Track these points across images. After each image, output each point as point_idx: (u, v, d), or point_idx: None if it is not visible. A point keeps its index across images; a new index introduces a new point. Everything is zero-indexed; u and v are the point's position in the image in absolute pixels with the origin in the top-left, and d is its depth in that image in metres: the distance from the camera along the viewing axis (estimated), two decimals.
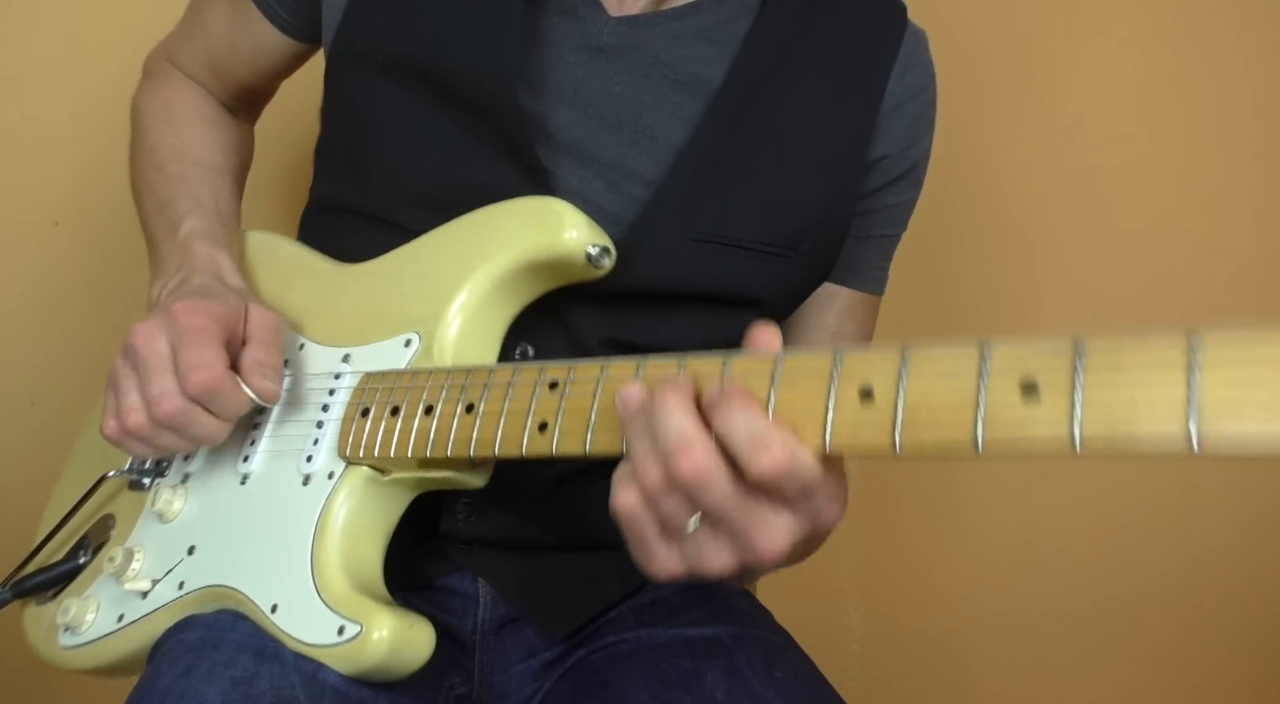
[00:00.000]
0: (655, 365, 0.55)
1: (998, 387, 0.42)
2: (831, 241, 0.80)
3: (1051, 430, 0.41)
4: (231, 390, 0.67)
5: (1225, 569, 1.37)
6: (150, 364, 0.67)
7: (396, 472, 0.67)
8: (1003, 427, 0.42)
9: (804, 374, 0.49)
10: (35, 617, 0.82)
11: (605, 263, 0.67)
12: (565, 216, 0.67)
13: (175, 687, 0.61)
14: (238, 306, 0.71)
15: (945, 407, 0.43)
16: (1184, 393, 0.38)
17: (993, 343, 0.44)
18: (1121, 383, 0.39)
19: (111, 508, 0.82)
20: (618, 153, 0.75)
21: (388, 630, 0.61)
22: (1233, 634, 1.38)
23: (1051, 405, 0.41)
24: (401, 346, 0.70)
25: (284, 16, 0.86)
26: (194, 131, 0.89)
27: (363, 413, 0.67)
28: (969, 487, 1.41)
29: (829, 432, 0.47)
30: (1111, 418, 0.39)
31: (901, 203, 0.86)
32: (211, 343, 0.67)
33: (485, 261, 0.68)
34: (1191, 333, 0.38)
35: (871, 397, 0.46)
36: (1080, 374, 0.40)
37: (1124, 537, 1.39)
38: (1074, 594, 1.40)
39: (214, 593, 0.69)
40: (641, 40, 0.76)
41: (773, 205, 0.75)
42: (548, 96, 0.75)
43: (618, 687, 0.72)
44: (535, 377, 0.59)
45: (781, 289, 0.78)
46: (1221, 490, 1.36)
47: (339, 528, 0.66)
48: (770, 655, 0.71)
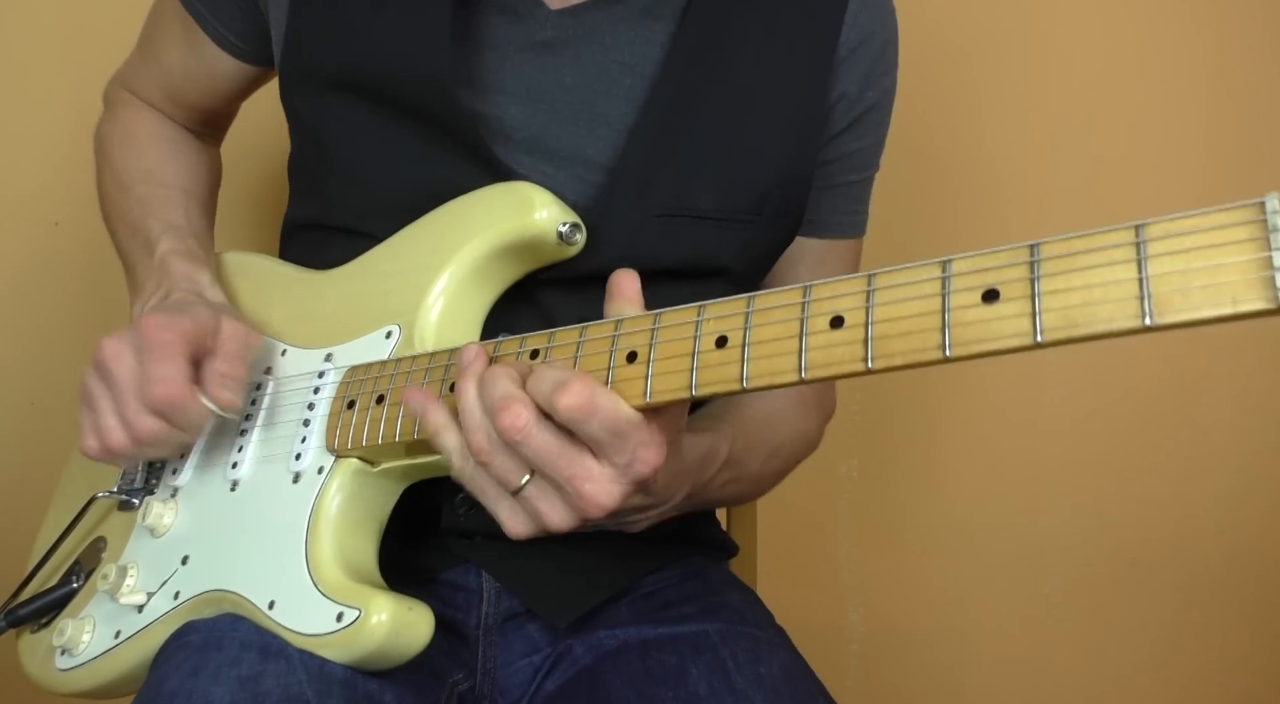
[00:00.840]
0: (631, 321, 0.56)
1: (961, 295, 0.44)
2: (797, 199, 0.80)
3: (1013, 326, 0.42)
4: (191, 403, 0.67)
5: (1225, 569, 1.37)
6: (122, 383, 0.68)
7: (385, 461, 0.68)
8: (967, 328, 0.43)
9: (775, 311, 0.50)
10: (30, 645, 0.81)
11: (577, 238, 0.69)
12: (534, 198, 0.69)
13: (183, 688, 0.61)
14: (208, 321, 0.71)
15: (912, 318, 0.45)
16: (1135, 273, 0.39)
17: (953, 258, 0.45)
18: (1076, 272, 0.41)
19: (102, 531, 0.82)
20: (576, 143, 0.76)
21: (386, 614, 0.61)
22: (1232, 636, 1.38)
23: (1011, 303, 0.42)
24: (383, 339, 0.71)
25: (234, 42, 0.87)
26: (159, 155, 0.90)
27: (348, 405, 0.68)
28: (969, 486, 1.41)
29: (804, 355, 0.48)
30: (1068, 304, 0.41)
31: (864, 147, 0.85)
32: (174, 357, 0.67)
33: (460, 248, 0.70)
34: (1139, 223, 0.40)
35: (842, 323, 0.47)
36: (1037, 271, 0.42)
37: (1124, 537, 1.39)
38: (1074, 594, 1.40)
39: (210, 599, 0.69)
40: (586, 29, 0.76)
41: (730, 172, 0.76)
42: (499, 97, 0.76)
43: (604, 682, 0.72)
44: (516, 348, 0.60)
45: (749, 254, 0.79)
46: (1222, 490, 1.36)
47: (332, 520, 0.66)
48: (757, 652, 0.72)
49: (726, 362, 0.51)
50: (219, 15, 0.86)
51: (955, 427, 1.40)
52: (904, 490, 1.43)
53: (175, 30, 0.89)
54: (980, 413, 1.39)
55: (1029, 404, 1.38)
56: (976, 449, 1.40)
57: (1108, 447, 1.37)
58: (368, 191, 0.78)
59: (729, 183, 0.76)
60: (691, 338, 0.53)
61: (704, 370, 0.52)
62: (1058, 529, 1.40)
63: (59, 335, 1.18)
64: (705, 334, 0.52)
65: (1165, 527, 1.38)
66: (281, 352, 0.77)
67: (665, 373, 0.53)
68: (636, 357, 0.55)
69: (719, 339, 0.52)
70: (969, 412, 1.39)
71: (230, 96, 0.93)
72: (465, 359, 0.59)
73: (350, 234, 0.79)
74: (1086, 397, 1.36)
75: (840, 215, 0.87)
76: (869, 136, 0.85)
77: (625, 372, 0.55)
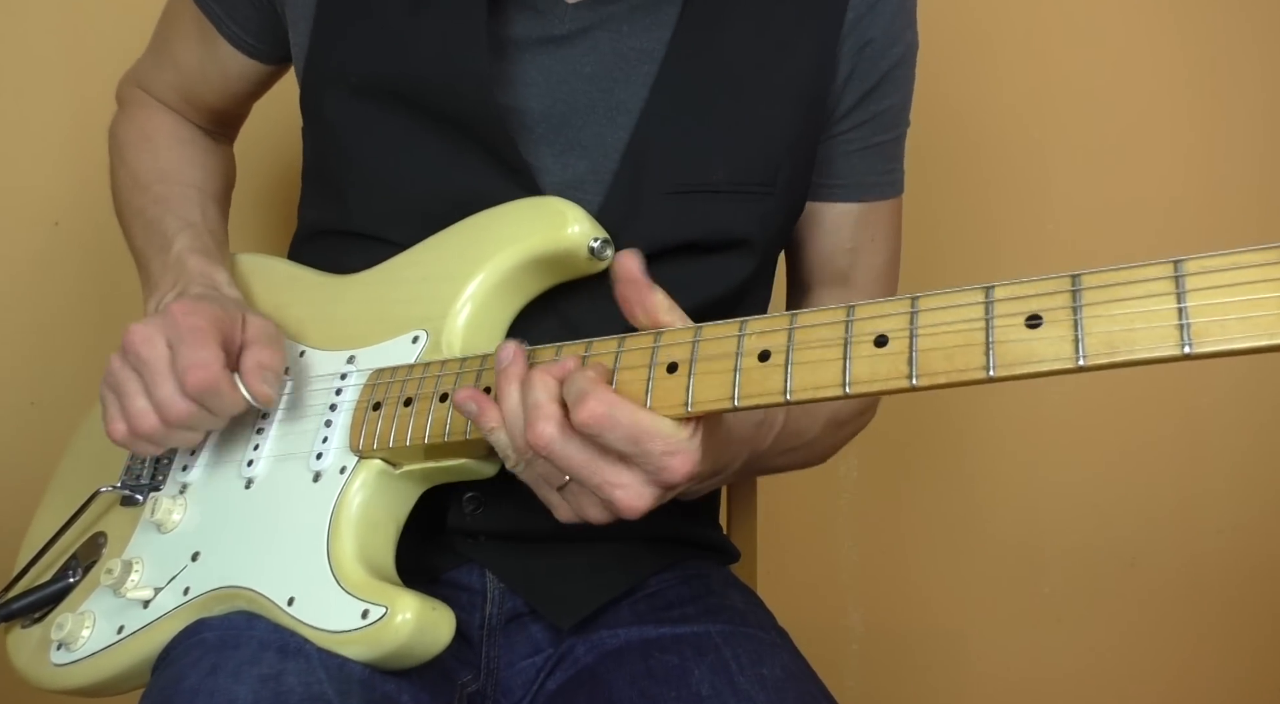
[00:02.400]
0: (671, 333, 0.58)
1: (1004, 319, 0.47)
2: (807, 166, 0.81)
3: (1056, 349, 0.45)
4: (229, 390, 0.68)
5: (1225, 569, 1.39)
6: (154, 367, 0.68)
7: (408, 464, 0.69)
8: (1011, 350, 0.46)
9: (819, 328, 0.53)
10: (20, 639, 0.80)
11: (608, 254, 0.71)
12: (566, 213, 0.71)
13: (204, 685, 0.61)
14: (235, 312, 0.72)
15: (956, 337, 0.48)
16: (1174, 304, 0.43)
17: (995, 285, 0.48)
18: (1117, 302, 0.44)
19: (101, 526, 0.81)
20: (597, 132, 0.78)
21: (411, 612, 0.62)
22: (1231, 636, 1.41)
23: (1054, 328, 0.45)
24: (409, 343, 0.72)
25: (249, 41, 0.88)
26: (175, 155, 0.90)
27: (374, 407, 0.69)
28: (969, 486, 1.43)
29: (848, 370, 0.50)
30: (1110, 330, 0.44)
31: (892, 105, 0.85)
32: (208, 342, 0.68)
33: (490, 258, 0.71)
34: (1178, 259, 0.44)
35: (886, 342, 0.50)
36: (1079, 299, 0.45)
37: (1124, 537, 1.41)
38: (1074, 594, 1.42)
39: (223, 595, 0.69)
40: (602, 19, 0.78)
41: (741, 143, 0.77)
42: (520, 90, 0.78)
43: (606, 681, 0.73)
44: (551, 357, 0.62)
45: (767, 225, 0.80)
46: (1221, 491, 1.38)
47: (353, 518, 0.67)
48: (759, 653, 0.73)
49: (770, 374, 0.53)
50: (234, 15, 0.87)
51: (955, 427, 1.42)
52: (904, 490, 1.44)
53: (190, 30, 0.90)
54: (980, 413, 1.41)
55: (1029, 405, 1.39)
56: (976, 449, 1.42)
57: (1108, 447, 1.39)
58: (391, 198, 0.79)
59: (741, 153, 0.77)
60: (734, 353, 0.55)
61: (747, 382, 0.54)
62: (1058, 529, 1.41)
63: (59, 335, 1.18)
64: (747, 350, 0.55)
65: (1165, 527, 1.40)
66: (300, 352, 0.77)
67: (707, 384, 0.55)
68: (677, 367, 0.56)
69: (762, 353, 0.54)
70: (969, 412, 1.41)
71: (244, 96, 0.94)
72: (503, 359, 0.60)
73: (370, 240, 0.80)
74: (1086, 397, 1.37)
75: (877, 176, 0.87)
76: (896, 93, 0.85)
77: (666, 382, 0.56)
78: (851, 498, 1.43)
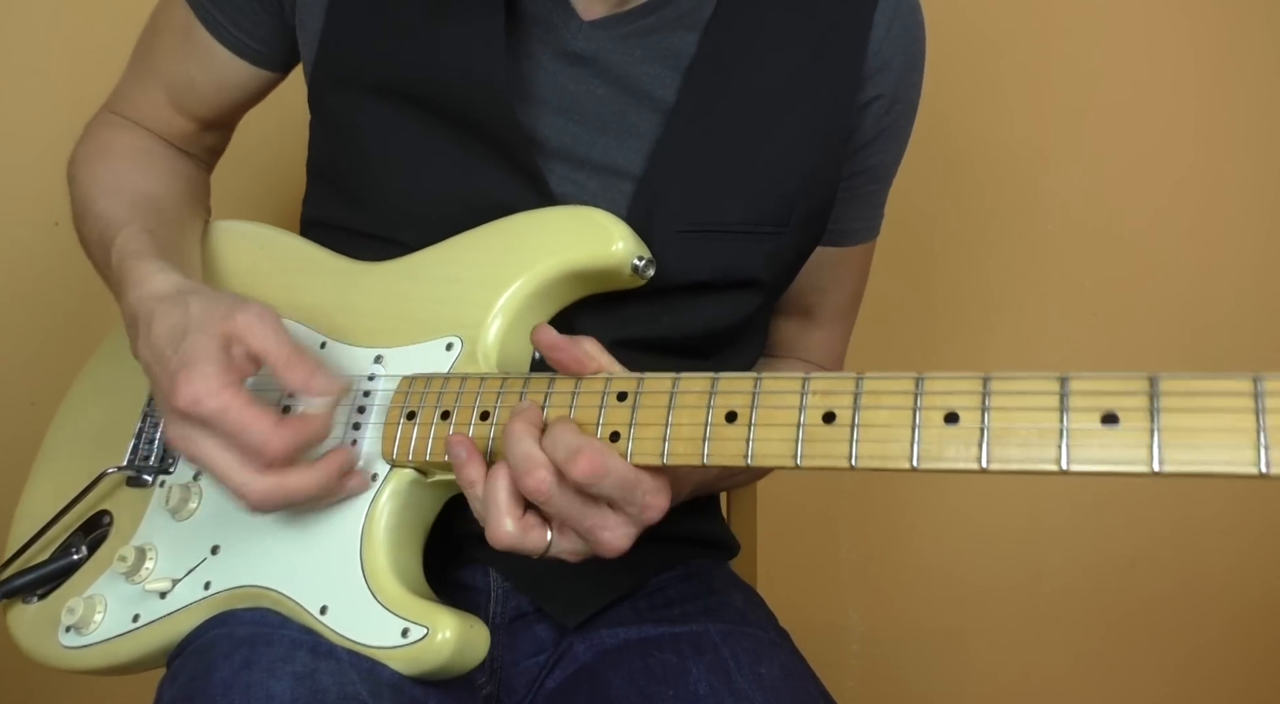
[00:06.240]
0: (729, 380, 0.58)
1: (1079, 413, 0.48)
2: (822, 208, 0.81)
3: (1132, 453, 0.47)
4: (315, 429, 0.64)
5: (1226, 569, 1.41)
6: (229, 476, 0.63)
7: (441, 474, 0.68)
8: (1084, 449, 0.47)
9: (886, 393, 0.54)
10: (21, 615, 0.79)
11: (649, 273, 0.70)
12: (611, 228, 0.70)
13: (238, 679, 0.61)
14: (213, 337, 0.63)
15: (1028, 426, 0.49)
16: (1253, 422, 0.44)
17: (1070, 377, 0.49)
18: (1196, 411, 0.46)
19: (106, 505, 0.80)
20: (607, 154, 0.77)
21: (451, 632, 0.63)
22: (1231, 636, 1.42)
23: (1131, 433, 0.47)
24: (443, 350, 0.70)
25: (252, 46, 0.84)
26: (129, 164, 0.85)
27: (408, 416, 0.68)
28: (969, 487, 1.43)
29: (917, 445, 0.51)
30: (1190, 444, 0.45)
31: (887, 159, 0.86)
32: (256, 416, 0.61)
33: (530, 267, 0.70)
34: (1257, 376, 0.45)
35: (957, 420, 0.51)
36: (1157, 404, 0.46)
37: (1124, 536, 1.42)
38: (1074, 594, 1.43)
39: (246, 593, 0.69)
40: (617, 41, 0.77)
41: (756, 184, 0.77)
42: (534, 105, 0.77)
43: (605, 680, 0.74)
44: (601, 387, 0.62)
45: (776, 264, 0.80)
46: (1222, 491, 1.38)
47: (387, 528, 0.67)
48: (758, 652, 0.75)
49: (833, 438, 0.54)
50: (238, 21, 0.83)
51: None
52: (904, 490, 1.45)
53: (176, 43, 0.86)
54: None
55: None
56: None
57: None
58: (404, 199, 0.78)
59: (755, 194, 0.77)
60: (796, 408, 0.55)
61: (810, 442, 0.54)
62: (1058, 529, 1.42)
63: (59, 335, 1.18)
64: (810, 406, 0.55)
65: (1165, 527, 1.40)
66: (320, 343, 0.76)
67: (768, 439, 0.56)
68: (736, 418, 0.57)
69: (826, 415, 0.55)
70: None
71: (236, 106, 0.90)
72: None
73: (379, 241, 0.78)
74: None
75: (863, 222, 0.90)
76: (893, 148, 0.87)
77: (724, 430, 0.57)
78: (851, 498, 1.45)
